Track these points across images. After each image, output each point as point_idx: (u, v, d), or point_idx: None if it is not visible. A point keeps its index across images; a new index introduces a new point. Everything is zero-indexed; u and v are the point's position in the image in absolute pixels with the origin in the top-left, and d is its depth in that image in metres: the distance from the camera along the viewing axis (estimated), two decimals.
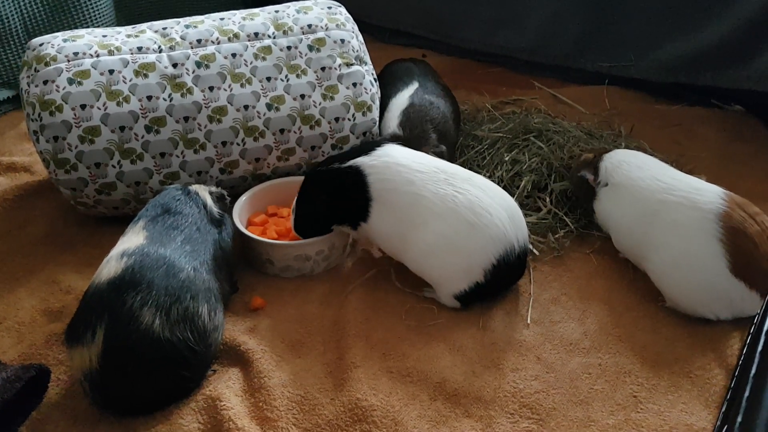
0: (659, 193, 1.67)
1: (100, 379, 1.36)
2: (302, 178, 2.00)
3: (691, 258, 1.58)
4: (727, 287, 1.56)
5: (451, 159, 2.08)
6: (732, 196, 1.62)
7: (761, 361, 1.47)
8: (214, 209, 1.70)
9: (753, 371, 1.44)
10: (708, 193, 1.62)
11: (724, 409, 1.42)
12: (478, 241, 1.62)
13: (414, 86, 2.15)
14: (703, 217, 1.58)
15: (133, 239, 1.51)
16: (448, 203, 1.63)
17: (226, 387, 1.47)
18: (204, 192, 1.72)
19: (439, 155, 1.91)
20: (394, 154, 1.71)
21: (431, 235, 1.64)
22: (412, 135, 1.97)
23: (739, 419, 1.35)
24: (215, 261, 1.61)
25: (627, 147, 2.09)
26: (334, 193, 1.72)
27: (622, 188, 1.76)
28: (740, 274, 1.54)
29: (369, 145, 1.77)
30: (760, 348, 1.50)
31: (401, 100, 2.09)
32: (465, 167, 2.10)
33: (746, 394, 1.40)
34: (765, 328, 1.56)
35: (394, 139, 1.95)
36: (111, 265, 1.43)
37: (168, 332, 1.38)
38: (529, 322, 1.67)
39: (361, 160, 1.71)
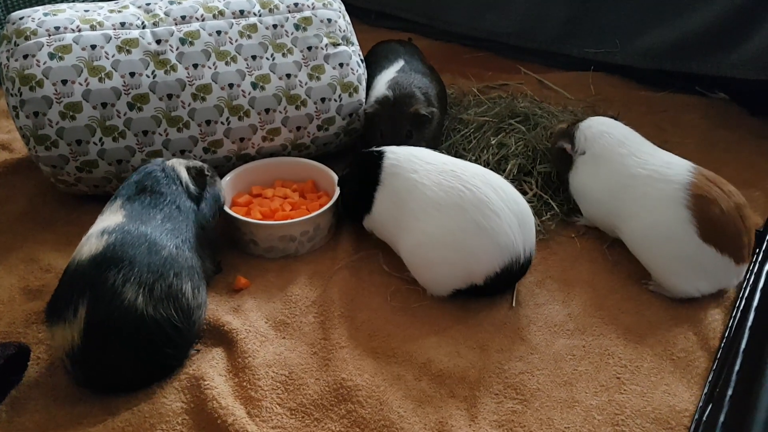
0: (633, 168, 1.70)
1: (81, 357, 1.34)
2: (288, 158, 2.01)
3: (661, 226, 1.62)
4: (698, 253, 1.59)
5: (437, 142, 2.07)
6: (700, 169, 1.66)
7: (751, 336, 1.49)
8: (190, 186, 1.66)
9: (743, 346, 1.46)
10: (677, 167, 1.66)
11: (707, 389, 1.43)
12: (485, 247, 1.56)
13: (400, 64, 2.13)
14: (671, 187, 1.62)
15: (111, 218, 1.49)
16: (453, 198, 1.58)
17: (209, 366, 1.46)
18: (180, 167, 1.67)
19: (429, 115, 1.92)
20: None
21: (431, 227, 1.60)
22: (402, 94, 1.95)
23: (729, 393, 1.36)
24: (197, 239, 1.59)
25: None
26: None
27: (600, 159, 1.78)
28: (709, 239, 1.57)
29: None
30: (749, 323, 1.52)
31: (387, 75, 2.07)
32: (451, 150, 2.11)
33: (736, 368, 1.41)
34: (754, 304, 1.58)
35: (384, 101, 1.94)
36: (92, 243, 1.41)
37: (151, 309, 1.36)
38: (514, 304, 1.67)
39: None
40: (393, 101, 1.94)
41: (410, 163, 1.67)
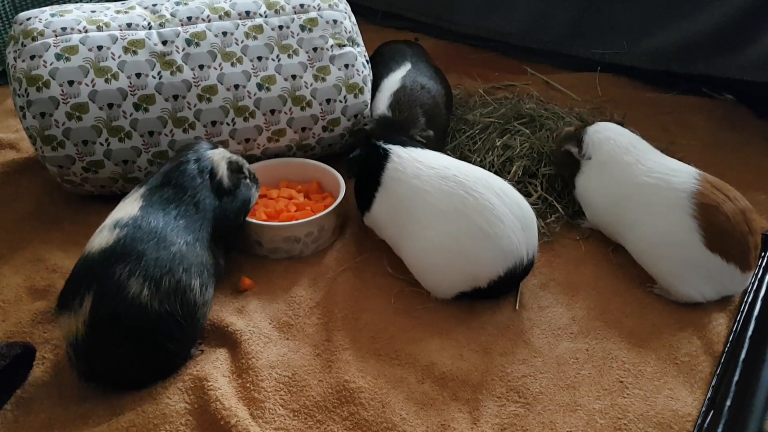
0: (639, 176, 1.70)
1: (85, 347, 1.36)
2: (293, 159, 2.01)
3: (667, 235, 1.62)
4: (704, 261, 1.58)
5: (442, 142, 2.08)
6: (706, 176, 1.65)
7: (751, 346, 1.48)
8: (225, 180, 1.64)
9: (743, 356, 1.46)
10: (683, 174, 1.66)
11: (710, 395, 1.43)
12: (489, 252, 1.57)
13: (406, 67, 2.13)
14: (677, 196, 1.62)
15: (128, 208, 1.51)
16: (456, 204, 1.58)
17: (213, 367, 1.47)
18: (221, 161, 1.66)
19: (426, 140, 1.90)
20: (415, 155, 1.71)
21: (435, 233, 1.60)
22: (401, 118, 1.95)
23: (728, 403, 1.36)
24: (212, 235, 1.59)
25: None
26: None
27: (605, 166, 1.78)
28: (715, 247, 1.57)
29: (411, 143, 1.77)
30: (749, 333, 1.52)
31: (393, 81, 2.07)
32: (456, 152, 2.11)
33: (735, 378, 1.41)
34: (755, 313, 1.58)
35: (383, 120, 1.94)
36: (103, 235, 1.43)
37: (157, 304, 1.38)
38: (517, 306, 1.67)
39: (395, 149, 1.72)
40: (392, 123, 1.93)
41: (414, 168, 1.67)
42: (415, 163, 1.68)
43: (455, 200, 1.58)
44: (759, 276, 1.69)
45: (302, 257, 1.81)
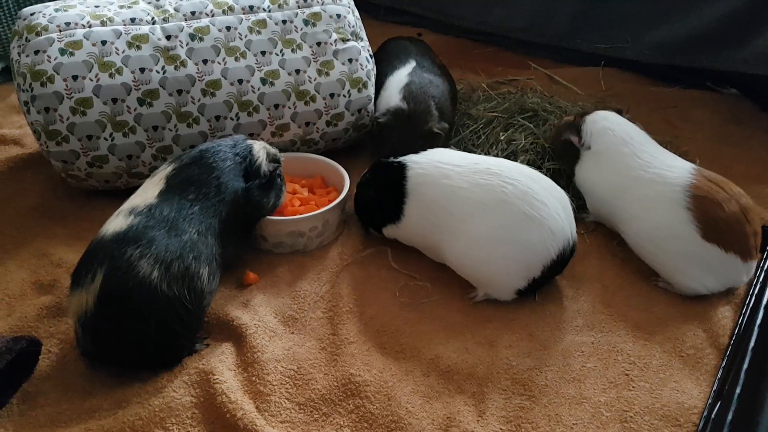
0: (635, 170, 1.70)
1: (94, 322, 1.37)
2: (296, 154, 2.01)
3: (662, 228, 1.62)
4: (702, 252, 1.59)
5: (448, 138, 2.07)
6: (701, 170, 1.66)
7: (760, 334, 1.48)
8: (264, 165, 1.68)
9: (752, 344, 1.45)
10: (678, 169, 1.66)
11: (716, 387, 1.43)
12: (539, 236, 1.56)
13: (411, 65, 2.12)
14: (671, 189, 1.62)
15: (149, 191, 1.53)
16: (497, 194, 1.57)
17: (219, 361, 1.47)
18: (261, 149, 1.71)
19: (442, 131, 1.91)
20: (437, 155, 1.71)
21: (479, 228, 1.58)
22: (417, 109, 1.95)
23: (738, 391, 1.36)
24: (226, 221, 1.59)
25: None
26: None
27: (602, 156, 1.79)
28: (712, 238, 1.57)
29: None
30: (758, 322, 1.51)
31: (399, 77, 2.06)
32: (460, 146, 2.11)
33: (745, 366, 1.41)
34: (764, 302, 1.58)
35: (398, 112, 1.94)
36: (119, 220, 1.46)
37: (165, 286, 1.39)
38: (536, 297, 1.67)
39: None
40: (407, 115, 1.93)
41: (438, 170, 1.66)
42: (438, 165, 1.67)
43: (495, 190, 1.58)
44: (765, 268, 1.69)
45: (306, 252, 1.81)
